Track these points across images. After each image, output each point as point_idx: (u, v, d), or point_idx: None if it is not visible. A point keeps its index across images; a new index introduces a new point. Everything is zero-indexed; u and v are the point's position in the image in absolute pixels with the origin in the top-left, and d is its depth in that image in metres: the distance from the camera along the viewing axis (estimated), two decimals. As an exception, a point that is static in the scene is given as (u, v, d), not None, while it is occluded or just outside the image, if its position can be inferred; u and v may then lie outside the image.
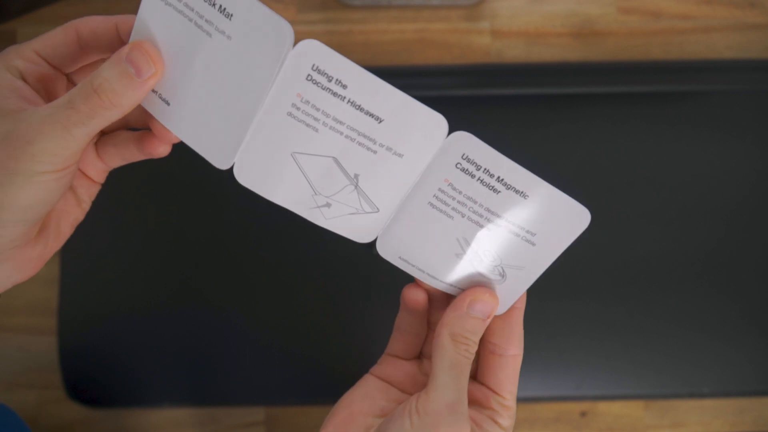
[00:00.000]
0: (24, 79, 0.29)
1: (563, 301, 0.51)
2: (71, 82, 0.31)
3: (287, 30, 0.25)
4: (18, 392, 0.51)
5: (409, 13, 0.55)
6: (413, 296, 0.33)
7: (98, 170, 0.33)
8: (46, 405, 0.52)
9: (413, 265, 0.31)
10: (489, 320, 0.30)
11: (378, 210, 0.30)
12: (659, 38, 0.55)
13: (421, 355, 0.35)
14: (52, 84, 0.30)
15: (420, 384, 0.34)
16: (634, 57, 0.55)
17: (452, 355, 0.29)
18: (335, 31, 0.55)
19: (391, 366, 0.34)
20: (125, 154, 0.32)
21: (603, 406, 0.51)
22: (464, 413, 0.28)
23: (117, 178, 0.42)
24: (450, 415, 0.27)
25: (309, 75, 0.26)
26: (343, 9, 0.55)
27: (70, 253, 0.52)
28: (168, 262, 0.52)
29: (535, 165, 0.50)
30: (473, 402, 0.31)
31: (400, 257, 0.31)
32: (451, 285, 0.31)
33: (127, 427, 0.51)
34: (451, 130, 0.28)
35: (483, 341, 0.32)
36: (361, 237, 0.31)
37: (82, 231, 0.52)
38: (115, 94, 0.26)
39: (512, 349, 0.31)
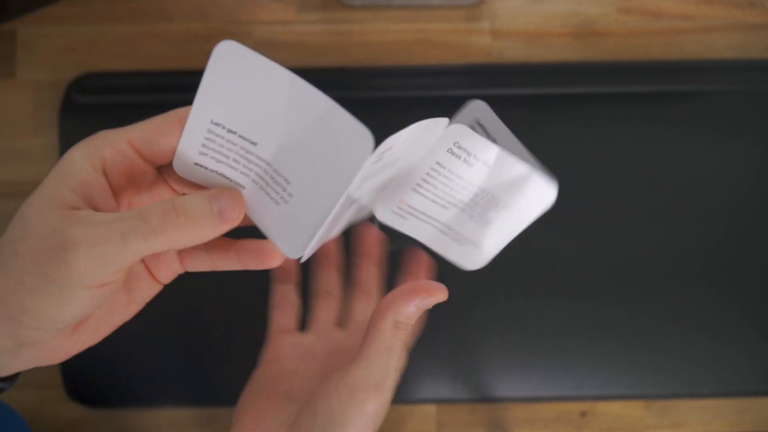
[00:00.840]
0: (105, 172, 0.27)
1: (563, 301, 0.51)
2: (161, 176, 0.29)
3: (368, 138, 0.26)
4: (18, 392, 0.51)
5: (409, 13, 0.55)
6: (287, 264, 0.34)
7: (170, 272, 0.31)
8: (46, 405, 0.52)
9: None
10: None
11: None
12: (659, 38, 0.55)
13: (306, 326, 0.37)
14: (138, 177, 0.28)
15: (311, 354, 0.36)
16: (634, 57, 0.55)
17: (390, 340, 0.30)
18: (335, 31, 0.55)
19: (281, 343, 0.36)
20: (220, 262, 0.30)
21: (603, 406, 0.52)
22: (389, 387, 0.30)
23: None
24: (376, 390, 0.29)
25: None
26: (343, 9, 0.55)
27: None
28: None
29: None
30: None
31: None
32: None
33: (127, 427, 0.51)
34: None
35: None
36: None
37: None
38: (194, 221, 0.25)
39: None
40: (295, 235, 0.28)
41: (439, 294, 0.31)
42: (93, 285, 0.25)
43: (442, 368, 0.51)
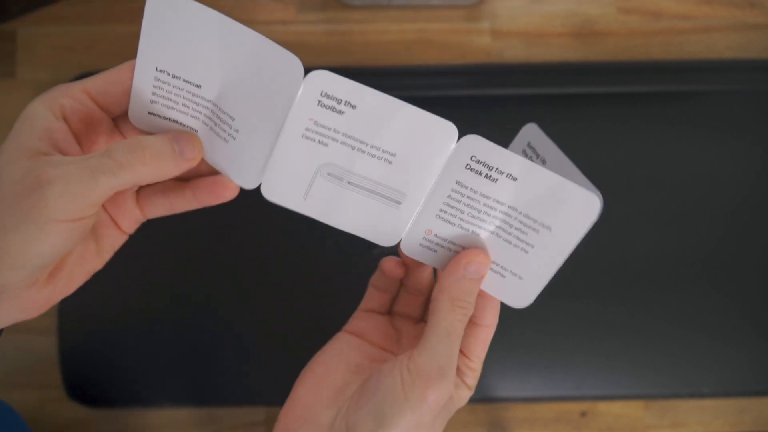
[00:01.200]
0: (66, 119, 0.28)
1: (563, 301, 0.51)
2: (117, 128, 0.31)
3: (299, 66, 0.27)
4: (18, 392, 0.51)
5: (409, 13, 0.55)
6: (392, 269, 0.34)
7: (132, 220, 0.32)
8: (46, 405, 0.52)
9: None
10: (482, 280, 0.31)
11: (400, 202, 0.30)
12: (659, 38, 0.55)
13: (392, 312, 0.37)
14: (96, 126, 0.29)
15: (391, 337, 0.36)
16: (634, 57, 0.55)
17: (449, 321, 0.29)
18: (335, 31, 0.55)
19: (365, 321, 0.36)
20: (178, 202, 0.31)
21: (603, 406, 0.52)
22: (452, 375, 0.29)
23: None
24: (439, 377, 0.29)
25: (319, 101, 0.27)
26: (343, 9, 0.55)
27: (70, 253, 0.52)
28: (168, 263, 0.52)
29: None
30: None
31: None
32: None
33: (127, 427, 0.52)
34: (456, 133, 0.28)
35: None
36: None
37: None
38: (158, 157, 0.27)
39: (488, 319, 0.32)
40: (246, 168, 0.29)
41: (479, 256, 0.30)
42: (67, 219, 0.26)
43: (442, 368, 0.51)
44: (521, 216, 0.29)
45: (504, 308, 0.53)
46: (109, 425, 0.52)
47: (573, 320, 0.51)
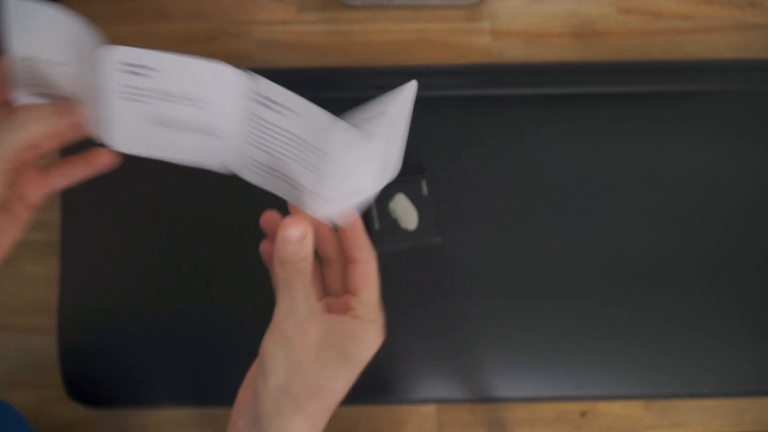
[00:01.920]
0: None
1: (563, 301, 0.51)
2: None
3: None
4: (18, 392, 0.51)
5: (409, 13, 0.55)
6: (266, 221, 0.38)
7: (37, 192, 0.38)
8: (46, 405, 0.52)
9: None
10: (307, 239, 0.33)
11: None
12: (659, 38, 0.55)
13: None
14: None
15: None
16: (634, 57, 0.55)
17: (282, 277, 0.34)
18: (335, 31, 0.55)
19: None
20: (74, 172, 0.39)
21: (603, 406, 0.52)
22: (300, 313, 0.33)
23: (117, 178, 0.42)
24: (290, 316, 0.34)
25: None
26: (343, 9, 0.55)
27: (70, 252, 0.52)
28: (168, 262, 0.52)
29: (536, 165, 0.50)
30: (338, 310, 0.36)
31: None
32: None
33: (127, 427, 0.52)
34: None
35: (342, 252, 0.37)
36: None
37: (82, 230, 0.52)
38: (48, 115, 0.34)
39: (360, 255, 0.36)
40: (103, 129, 0.34)
41: (293, 221, 0.33)
42: None
43: (442, 368, 0.51)
44: (312, 147, 0.32)
45: (506, 310, 0.53)
46: (109, 425, 0.52)
47: (573, 320, 0.51)
